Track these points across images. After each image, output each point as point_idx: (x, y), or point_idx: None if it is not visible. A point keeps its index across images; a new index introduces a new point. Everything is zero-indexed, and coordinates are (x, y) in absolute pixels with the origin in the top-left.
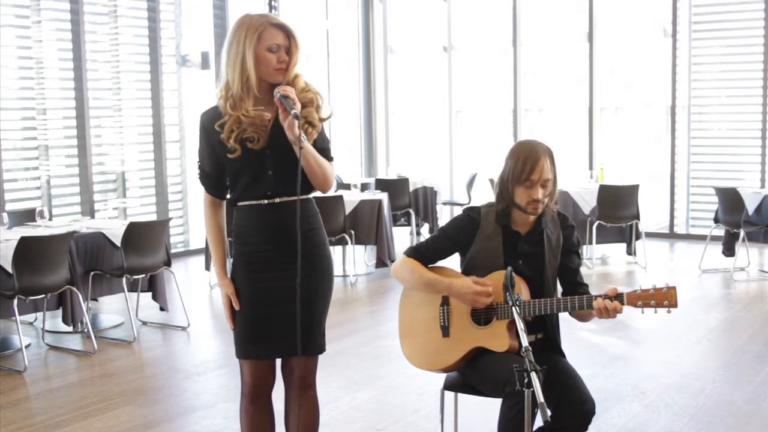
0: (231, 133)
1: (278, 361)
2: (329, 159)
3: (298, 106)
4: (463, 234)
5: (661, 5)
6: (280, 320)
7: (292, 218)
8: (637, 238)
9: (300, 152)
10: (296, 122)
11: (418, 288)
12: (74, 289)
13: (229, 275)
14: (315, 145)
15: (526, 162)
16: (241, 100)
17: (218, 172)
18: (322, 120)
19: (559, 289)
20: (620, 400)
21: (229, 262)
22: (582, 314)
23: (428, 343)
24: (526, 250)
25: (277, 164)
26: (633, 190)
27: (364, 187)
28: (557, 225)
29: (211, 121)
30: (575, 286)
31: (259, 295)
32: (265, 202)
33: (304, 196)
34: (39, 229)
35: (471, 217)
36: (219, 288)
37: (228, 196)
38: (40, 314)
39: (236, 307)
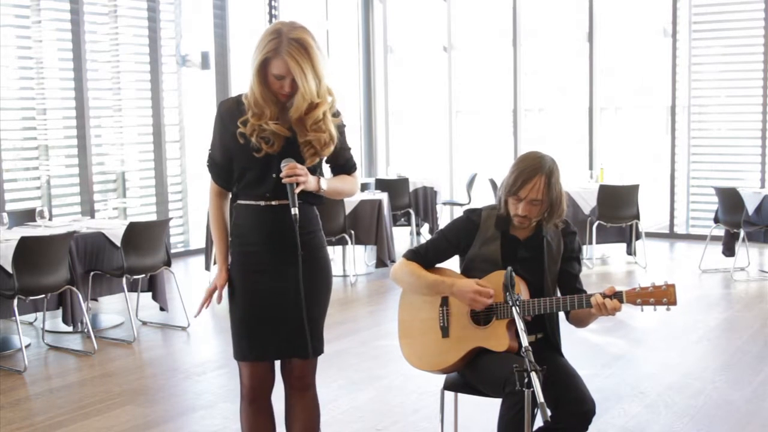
0: (253, 132)
1: (278, 362)
2: (352, 169)
3: (302, 187)
4: (463, 236)
5: (661, 5)
6: (276, 322)
7: (290, 220)
8: (637, 238)
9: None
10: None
11: (420, 291)
12: (74, 289)
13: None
14: (338, 161)
15: (519, 177)
16: (261, 111)
17: (228, 163)
18: (321, 155)
19: (558, 295)
20: (620, 400)
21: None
22: (580, 317)
23: (428, 343)
24: (524, 255)
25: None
26: (633, 190)
27: (364, 187)
28: (558, 231)
29: (229, 113)
30: (575, 293)
31: (256, 297)
32: (262, 203)
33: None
34: (39, 229)
35: (471, 219)
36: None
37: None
38: (40, 314)
39: (218, 302)
